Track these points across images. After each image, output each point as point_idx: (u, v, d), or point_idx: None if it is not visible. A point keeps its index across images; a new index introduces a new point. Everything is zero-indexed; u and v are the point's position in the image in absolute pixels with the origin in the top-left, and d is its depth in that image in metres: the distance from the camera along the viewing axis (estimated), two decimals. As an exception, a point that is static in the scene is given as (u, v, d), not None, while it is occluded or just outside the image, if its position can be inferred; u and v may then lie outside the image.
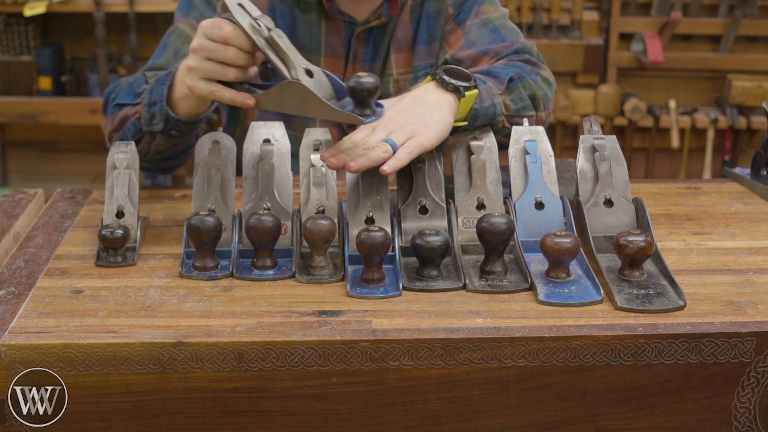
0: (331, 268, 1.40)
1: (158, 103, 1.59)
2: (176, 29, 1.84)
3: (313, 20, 1.85)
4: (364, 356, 1.20)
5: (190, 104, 1.57)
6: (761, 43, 4.35)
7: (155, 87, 1.61)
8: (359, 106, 1.37)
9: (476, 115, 1.57)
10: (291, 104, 1.38)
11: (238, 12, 1.37)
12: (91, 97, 4.34)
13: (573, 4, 4.26)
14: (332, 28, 1.85)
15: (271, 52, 1.36)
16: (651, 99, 4.43)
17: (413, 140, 1.46)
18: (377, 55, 1.90)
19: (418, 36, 1.89)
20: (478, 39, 1.86)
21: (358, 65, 1.89)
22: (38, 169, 4.66)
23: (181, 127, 1.61)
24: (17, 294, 1.32)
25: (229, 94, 1.43)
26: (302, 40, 1.86)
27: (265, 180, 1.49)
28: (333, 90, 1.40)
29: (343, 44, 1.87)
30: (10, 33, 4.29)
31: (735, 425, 1.26)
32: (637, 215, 1.47)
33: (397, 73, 1.91)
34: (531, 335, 1.21)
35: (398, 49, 1.90)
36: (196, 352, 1.19)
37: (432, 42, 1.90)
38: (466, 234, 1.46)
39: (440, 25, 1.89)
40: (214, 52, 1.41)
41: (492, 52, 1.83)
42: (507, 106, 1.66)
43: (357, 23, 1.84)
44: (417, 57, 1.91)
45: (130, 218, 1.48)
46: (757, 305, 1.29)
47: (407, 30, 1.88)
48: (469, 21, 1.88)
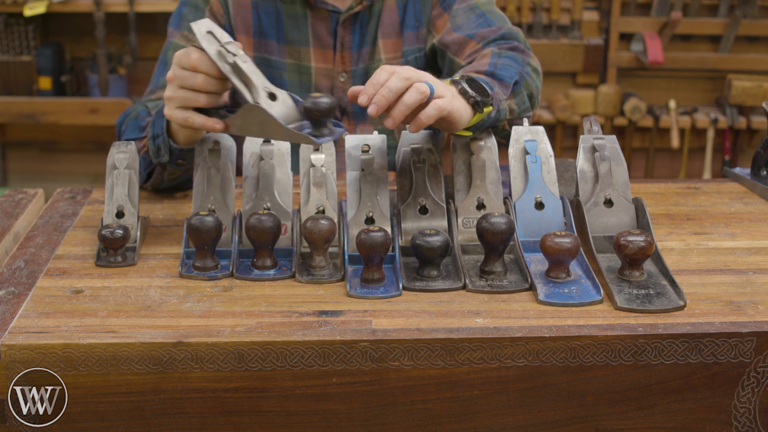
0: (331, 268, 1.40)
1: (160, 135, 1.60)
2: (171, 44, 1.85)
3: (297, 12, 1.87)
4: (364, 356, 1.20)
5: (187, 133, 1.57)
6: (761, 43, 4.35)
7: (156, 120, 1.62)
8: (316, 127, 1.37)
9: (482, 124, 1.56)
10: (254, 128, 1.40)
11: (205, 39, 1.39)
12: (91, 97, 4.34)
13: (573, 4, 4.25)
14: (317, 18, 1.87)
15: (234, 78, 1.38)
16: (651, 99, 4.42)
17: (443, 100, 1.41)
18: (364, 41, 1.91)
19: (405, 21, 1.90)
20: (465, 23, 1.86)
21: (346, 53, 1.90)
22: (38, 169, 4.66)
23: (185, 155, 1.62)
24: (17, 294, 1.32)
25: (200, 120, 1.43)
26: (289, 33, 1.87)
27: (265, 180, 1.49)
28: (297, 111, 1.40)
29: (330, 33, 1.88)
30: (10, 33, 4.29)
31: (735, 425, 1.26)
32: (637, 215, 1.47)
33: (386, 59, 1.92)
34: (531, 335, 1.21)
35: (386, 34, 1.91)
36: (196, 352, 1.19)
37: (419, 27, 1.91)
38: (466, 234, 1.46)
39: (427, 9, 1.91)
40: (184, 79, 1.42)
41: (479, 36, 1.83)
42: (512, 111, 1.66)
43: (340, 11, 1.86)
44: (405, 42, 1.92)
45: (130, 218, 1.48)
46: (757, 305, 1.29)
47: (394, 15, 1.89)
48: (455, 5, 1.89)
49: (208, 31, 1.39)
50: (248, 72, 1.37)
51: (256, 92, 1.37)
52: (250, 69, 1.38)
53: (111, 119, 4.21)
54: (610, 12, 4.25)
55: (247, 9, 1.85)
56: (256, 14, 1.85)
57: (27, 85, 4.35)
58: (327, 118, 1.36)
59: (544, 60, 4.24)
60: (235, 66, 1.37)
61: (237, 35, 1.86)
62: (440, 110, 1.39)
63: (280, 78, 1.90)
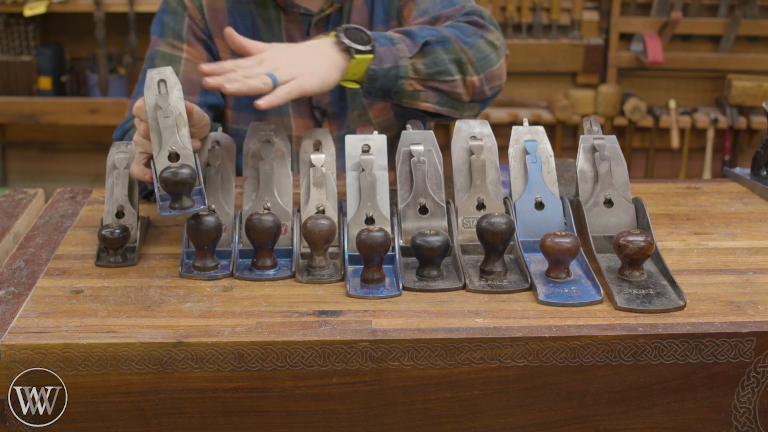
0: (331, 268, 1.40)
1: None
2: (158, 53, 1.85)
3: (271, 16, 1.88)
4: (364, 356, 1.20)
5: None
6: (761, 43, 4.35)
7: None
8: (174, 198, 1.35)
9: (375, 76, 1.60)
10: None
11: (150, 88, 1.40)
12: (91, 97, 4.34)
13: (573, 4, 4.26)
14: (290, 21, 1.88)
15: (152, 132, 1.39)
16: (651, 99, 4.43)
17: (295, 82, 1.48)
18: None
19: (374, 17, 1.91)
20: (430, 7, 1.87)
21: None
22: (38, 169, 4.67)
23: None
24: (17, 294, 1.32)
25: (135, 169, 1.46)
26: (264, 36, 1.88)
27: (265, 180, 1.49)
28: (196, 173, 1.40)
29: (303, 36, 1.88)
30: (10, 33, 4.29)
31: (735, 425, 1.26)
32: (637, 215, 1.47)
33: None
34: (531, 335, 1.21)
35: None
36: (196, 352, 1.19)
37: (389, 20, 1.92)
38: (466, 234, 1.46)
39: (395, 2, 1.91)
40: (137, 125, 1.46)
41: (443, 16, 1.83)
42: (417, 70, 1.66)
43: (313, 14, 1.86)
44: None
45: (130, 218, 1.48)
46: (757, 305, 1.29)
47: (363, 12, 1.90)
48: None
49: (161, 80, 1.40)
50: (163, 129, 1.38)
51: (160, 149, 1.38)
52: (167, 125, 1.38)
53: (111, 119, 4.21)
54: (610, 12, 4.25)
55: (222, 14, 1.86)
56: (231, 18, 1.86)
57: (27, 85, 4.35)
58: (181, 190, 1.34)
59: (544, 60, 4.27)
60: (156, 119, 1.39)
61: (215, 39, 1.87)
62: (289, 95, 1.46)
63: None
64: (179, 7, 1.86)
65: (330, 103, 1.90)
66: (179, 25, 1.85)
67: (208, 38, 1.87)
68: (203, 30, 1.86)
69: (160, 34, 1.87)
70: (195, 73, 1.79)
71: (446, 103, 1.72)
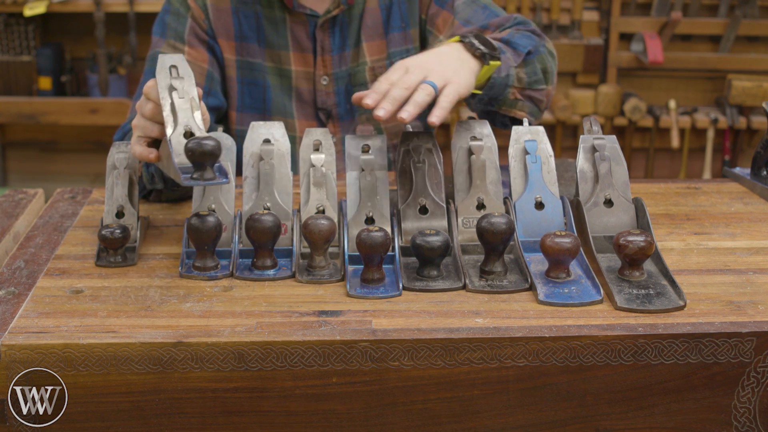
0: (331, 268, 1.40)
1: (152, 164, 1.60)
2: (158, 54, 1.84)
3: (276, 16, 1.87)
4: (364, 356, 1.20)
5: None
6: (761, 43, 4.35)
7: None
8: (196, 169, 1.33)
9: (493, 84, 1.62)
10: (165, 160, 1.39)
11: (162, 71, 1.38)
12: (91, 97, 4.34)
13: (573, 4, 4.26)
14: (295, 22, 1.88)
15: (164, 111, 1.37)
16: (651, 99, 4.42)
17: (449, 87, 1.48)
18: (346, 44, 1.91)
19: (390, 23, 1.91)
20: (473, 16, 1.87)
21: (326, 56, 1.90)
22: (38, 169, 4.66)
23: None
24: (17, 294, 1.32)
25: (138, 150, 1.42)
26: (269, 37, 1.88)
27: (265, 180, 1.49)
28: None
29: (308, 37, 1.88)
30: (10, 33, 4.29)
31: (735, 425, 1.26)
32: (637, 215, 1.47)
33: (371, 61, 1.92)
34: (531, 335, 1.21)
35: (370, 36, 1.92)
36: (196, 352, 1.19)
37: (407, 28, 1.92)
38: (466, 234, 1.46)
39: (414, 9, 1.91)
40: (141, 107, 1.42)
41: (493, 25, 1.85)
42: (520, 79, 1.70)
43: (318, 15, 1.86)
44: (391, 44, 1.93)
45: (130, 218, 1.48)
46: (757, 305, 1.29)
47: (376, 17, 1.90)
48: (456, 1, 1.89)
49: (172, 66, 1.39)
50: (179, 109, 1.37)
51: (175, 127, 1.36)
52: (183, 107, 1.37)
53: (111, 119, 4.21)
54: (610, 12, 4.25)
55: (226, 14, 1.86)
56: (236, 18, 1.86)
57: (27, 85, 4.35)
58: (206, 161, 1.32)
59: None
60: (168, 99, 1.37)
61: (219, 40, 1.87)
62: (452, 102, 1.47)
63: (264, 81, 1.91)
64: (182, 8, 1.86)
65: (335, 105, 1.91)
66: (181, 26, 1.84)
67: (211, 39, 1.86)
68: (207, 31, 1.86)
69: (161, 34, 1.87)
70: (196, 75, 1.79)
71: (534, 112, 1.76)
